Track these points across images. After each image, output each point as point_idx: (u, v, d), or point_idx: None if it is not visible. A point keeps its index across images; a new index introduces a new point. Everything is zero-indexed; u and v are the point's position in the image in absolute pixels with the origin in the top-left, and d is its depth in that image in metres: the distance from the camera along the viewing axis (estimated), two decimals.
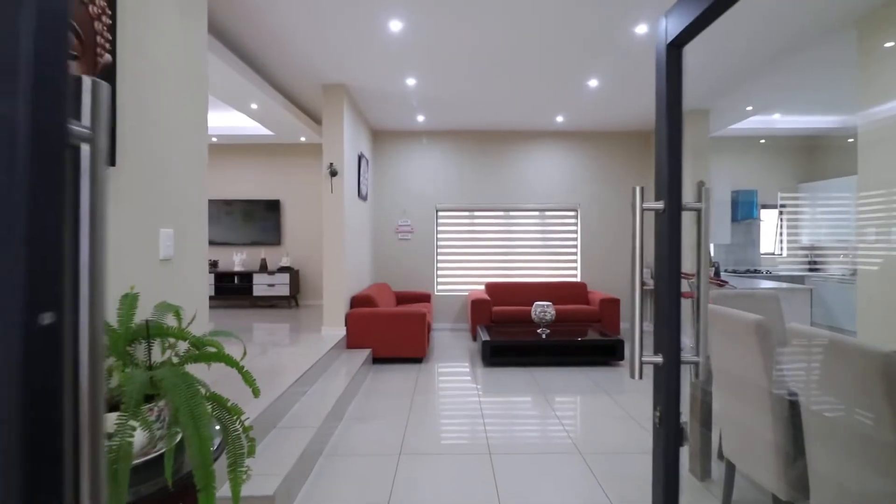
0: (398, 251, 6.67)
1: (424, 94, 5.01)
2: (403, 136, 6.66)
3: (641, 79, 4.56)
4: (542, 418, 3.36)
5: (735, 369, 2.00)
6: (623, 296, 6.76)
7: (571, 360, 4.74)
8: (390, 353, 4.74)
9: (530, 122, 6.18)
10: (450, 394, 3.91)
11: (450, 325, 6.70)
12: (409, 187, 6.68)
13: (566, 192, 6.74)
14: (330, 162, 4.69)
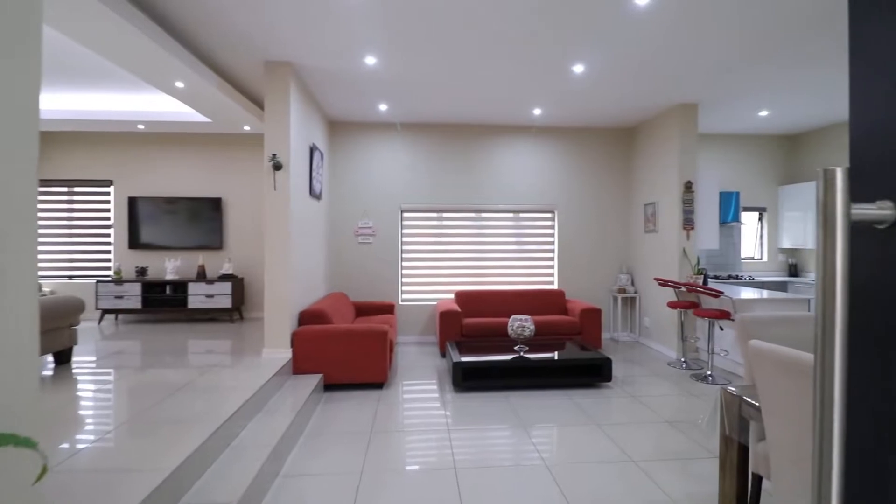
0: (358, 256, 5.97)
1: (387, 76, 4.34)
2: (364, 127, 5.96)
3: (630, 63, 4.05)
4: (524, 463, 2.76)
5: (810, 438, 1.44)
6: (603, 304, 6.31)
7: (553, 381, 4.19)
8: (346, 379, 4.04)
9: (505, 114, 5.61)
10: (415, 432, 3.25)
11: (416, 339, 6.05)
12: (371, 185, 5.98)
13: (543, 193, 6.21)
14: (272, 153, 3.95)
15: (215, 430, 2.48)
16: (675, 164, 5.25)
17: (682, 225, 5.20)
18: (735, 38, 3.54)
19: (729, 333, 4.76)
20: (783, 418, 1.56)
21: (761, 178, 6.64)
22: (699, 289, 4.44)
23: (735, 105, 5.20)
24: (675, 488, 2.48)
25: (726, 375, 4.59)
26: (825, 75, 4.29)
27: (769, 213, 6.68)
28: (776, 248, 6.71)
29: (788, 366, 1.50)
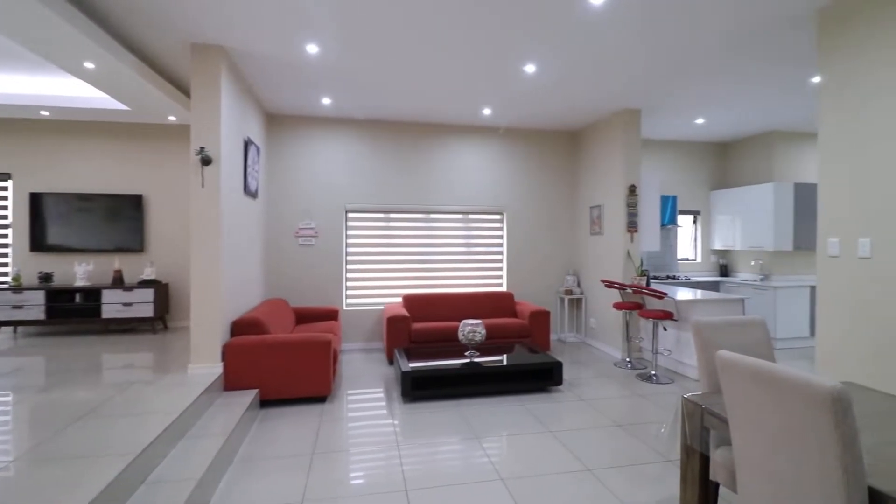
0: (299, 259, 5.60)
1: (331, 67, 4.06)
2: (306, 121, 5.60)
3: (580, 65, 4.03)
4: (479, 479, 2.61)
5: (783, 450, 1.38)
6: (551, 306, 6.34)
7: (505, 387, 4.09)
8: (285, 393, 3.72)
9: (455, 113, 5.48)
10: (362, 450, 3.02)
11: (361, 346, 5.77)
12: (314, 183, 5.64)
13: (492, 194, 6.14)
14: (200, 146, 3.56)
15: (130, 462, 2.14)
16: (620, 168, 5.34)
17: (626, 227, 5.30)
18: (677, 50, 3.60)
19: (672, 333, 4.89)
20: (752, 430, 1.50)
21: (696, 183, 6.95)
22: (644, 290, 4.52)
23: (674, 112, 5.38)
24: (634, 498, 2.43)
25: (669, 374, 4.71)
26: (754, 90, 4.50)
27: (702, 216, 7.01)
28: (709, 250, 7.06)
29: (759, 377, 1.44)
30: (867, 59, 2.74)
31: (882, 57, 2.66)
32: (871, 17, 2.70)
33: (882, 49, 2.66)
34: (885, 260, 2.65)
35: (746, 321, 2.34)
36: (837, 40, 2.91)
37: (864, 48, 2.75)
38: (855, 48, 2.80)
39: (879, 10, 2.66)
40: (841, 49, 2.89)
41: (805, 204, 6.05)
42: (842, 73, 2.89)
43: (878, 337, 2.69)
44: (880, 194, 2.68)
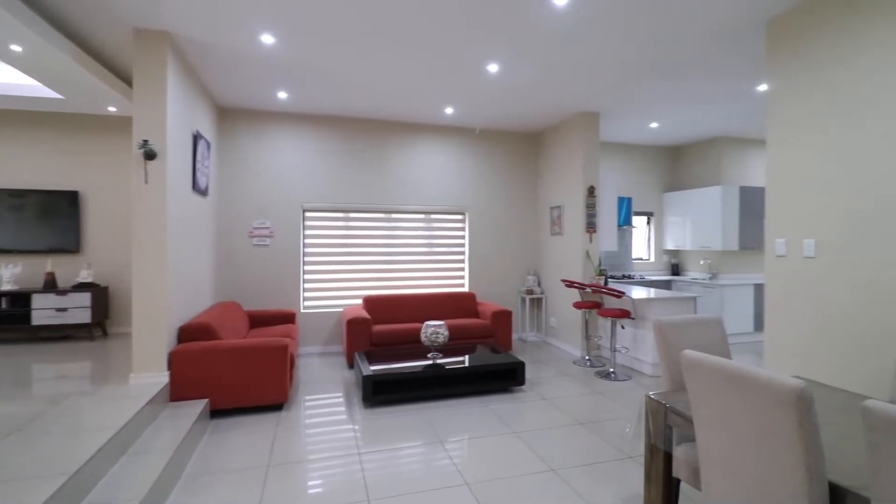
0: (253, 260, 5.35)
1: (288, 60, 3.88)
2: (261, 116, 5.36)
3: (543, 66, 4.05)
4: (445, 485, 2.55)
5: (747, 449, 1.40)
6: (512, 306, 6.37)
7: (469, 389, 4.05)
8: (238, 402, 3.52)
9: (417, 112, 5.40)
10: (322, 459, 2.89)
11: (320, 349, 5.59)
12: (269, 181, 5.41)
13: (454, 194, 6.10)
14: (143, 140, 3.32)
15: (62, 484, 1.94)
16: (580, 169, 5.43)
17: (585, 228, 5.40)
18: (633, 55, 3.68)
19: (629, 331, 5.01)
20: (717, 429, 1.52)
21: (649, 185, 7.19)
22: (603, 290, 4.61)
23: (630, 116, 5.52)
24: (598, 498, 2.44)
25: (627, 371, 4.82)
26: (703, 96, 4.68)
27: (655, 217, 7.26)
28: (661, 250, 7.32)
29: (724, 376, 1.45)
30: (812, 68, 2.88)
31: (826, 66, 2.80)
32: (817, 28, 2.85)
33: (826, 59, 2.80)
34: (828, 260, 2.80)
35: (705, 320, 2.40)
36: (785, 50, 3.05)
37: (810, 58, 2.89)
38: (801, 57, 2.94)
39: (825, 21, 2.81)
40: (788, 58, 3.03)
41: (749, 206, 6.38)
42: (789, 82, 3.03)
43: (821, 333, 2.84)
44: (824, 198, 2.83)
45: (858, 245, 2.64)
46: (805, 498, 1.26)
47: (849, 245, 2.68)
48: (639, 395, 4.10)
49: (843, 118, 2.71)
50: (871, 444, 1.08)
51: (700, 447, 1.61)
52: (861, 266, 2.62)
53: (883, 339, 2.51)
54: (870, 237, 2.58)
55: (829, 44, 2.78)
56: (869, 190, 2.59)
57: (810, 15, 2.88)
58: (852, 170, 2.67)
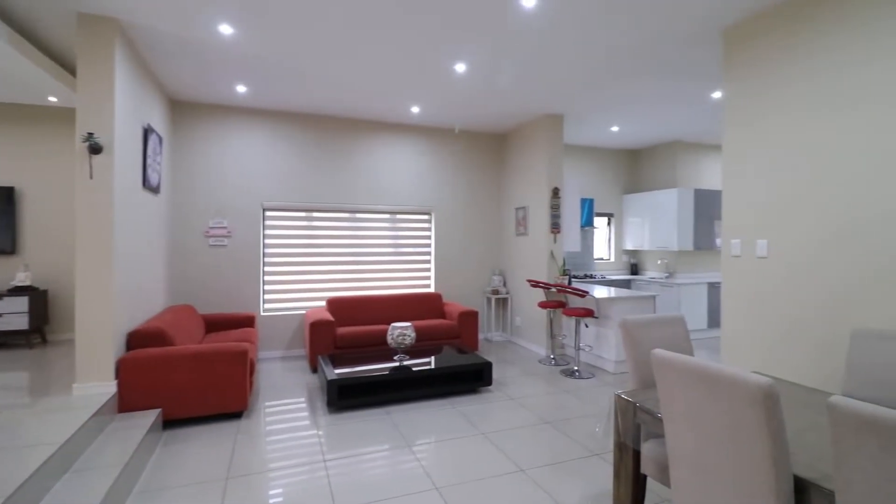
0: (209, 261, 5.11)
1: (247, 52, 3.72)
2: (218, 110, 5.13)
3: (510, 68, 4.07)
4: (414, 490, 2.50)
5: (716, 444, 1.43)
6: (478, 306, 6.38)
7: (436, 391, 4.01)
8: (194, 411, 3.34)
9: (383, 110, 5.31)
10: (285, 469, 2.77)
11: (281, 354, 5.40)
12: (226, 178, 5.18)
13: (420, 194, 6.05)
14: (88, 132, 3.09)
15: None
16: (544, 170, 5.50)
17: (550, 228, 5.47)
18: (597, 60, 3.74)
19: (592, 330, 5.11)
20: (686, 426, 1.54)
21: (610, 187, 7.38)
22: (568, 289, 4.68)
23: (593, 119, 5.64)
24: (568, 497, 2.45)
25: (591, 369, 4.92)
26: (662, 102, 4.84)
27: (616, 219, 7.47)
28: (621, 250, 7.53)
29: (694, 375, 1.48)
30: (765, 75, 3.01)
31: (778, 74, 2.94)
32: (770, 38, 2.98)
33: (778, 67, 2.94)
34: (780, 259, 2.94)
35: (668, 318, 2.45)
36: (740, 58, 3.18)
37: (763, 66, 3.02)
38: (755, 65, 3.08)
39: (777, 31, 2.94)
40: (743, 66, 3.16)
41: (703, 208, 6.65)
42: (743, 89, 3.16)
43: (773, 328, 2.97)
44: (775, 201, 2.97)
45: (806, 245, 2.78)
46: (771, 491, 1.30)
47: (797, 245, 2.82)
48: (603, 392, 4.18)
49: (791, 125, 2.85)
50: (836, 438, 1.11)
51: (669, 444, 1.63)
52: (809, 265, 2.76)
53: (832, 334, 2.65)
54: (816, 238, 2.72)
55: (778, 53, 2.92)
56: (815, 193, 2.73)
57: (762, 25, 3.01)
58: (800, 174, 2.81)
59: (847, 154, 2.58)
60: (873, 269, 2.45)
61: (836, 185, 2.63)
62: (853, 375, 2.05)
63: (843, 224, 2.59)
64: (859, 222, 2.52)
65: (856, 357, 2.05)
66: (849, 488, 1.10)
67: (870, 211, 2.47)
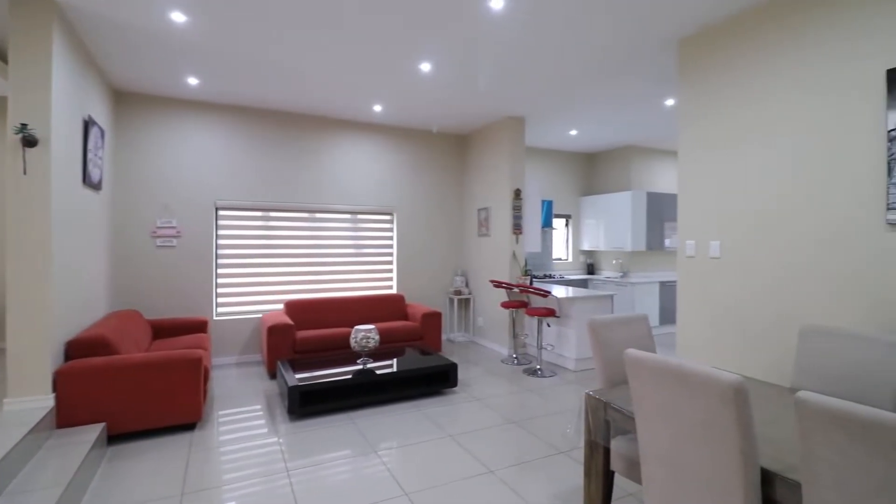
0: (157, 263, 4.82)
1: (201, 42, 3.52)
2: (167, 103, 4.84)
3: (474, 69, 4.07)
4: (382, 499, 2.45)
5: (688, 441, 1.47)
6: (440, 307, 6.37)
7: (401, 394, 3.95)
8: (142, 424, 3.12)
9: (344, 107, 5.19)
10: (244, 483, 2.64)
11: (235, 359, 5.17)
12: (176, 175, 4.89)
13: (382, 194, 5.96)
14: (21, 123, 2.82)
15: None
16: (507, 172, 5.56)
17: (512, 229, 5.53)
18: (557, 65, 3.82)
19: (554, 329, 5.21)
20: (658, 424, 1.58)
21: (568, 189, 7.57)
22: (531, 289, 4.75)
23: (553, 123, 5.76)
24: (538, 496, 2.47)
25: (552, 368, 5.01)
26: (617, 108, 5.01)
27: (573, 220, 7.66)
28: (578, 250, 7.73)
29: (666, 374, 1.52)
30: (718, 84, 3.17)
31: (730, 84, 3.10)
32: (724, 48, 3.13)
33: (729, 76, 3.09)
34: (731, 260, 3.09)
35: (633, 318, 2.53)
36: (694, 67, 3.33)
37: (717, 75, 3.18)
38: (707, 75, 3.23)
39: (731, 41, 3.10)
40: (697, 75, 3.31)
41: (655, 210, 6.94)
42: (697, 97, 3.31)
43: (725, 325, 3.13)
44: (726, 204, 3.12)
45: (756, 246, 2.94)
46: (740, 484, 1.35)
47: (748, 246, 2.99)
48: (565, 390, 4.27)
49: (738, 135, 3.01)
50: (803, 431, 1.17)
51: (641, 441, 1.67)
52: (758, 265, 2.93)
53: (780, 330, 2.82)
54: (765, 239, 2.89)
55: (728, 65, 3.07)
56: (763, 197, 2.89)
57: (716, 37, 3.17)
58: (750, 179, 2.97)
59: (787, 164, 2.75)
60: (818, 271, 2.63)
61: (782, 192, 2.80)
62: (802, 370, 2.18)
63: (788, 229, 2.76)
64: (802, 229, 2.69)
65: (804, 353, 2.18)
66: (816, 480, 1.16)
67: (811, 220, 2.65)
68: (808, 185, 2.67)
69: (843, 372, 2.01)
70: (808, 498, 1.18)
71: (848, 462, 1.08)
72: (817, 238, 2.62)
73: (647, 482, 1.68)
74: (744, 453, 1.34)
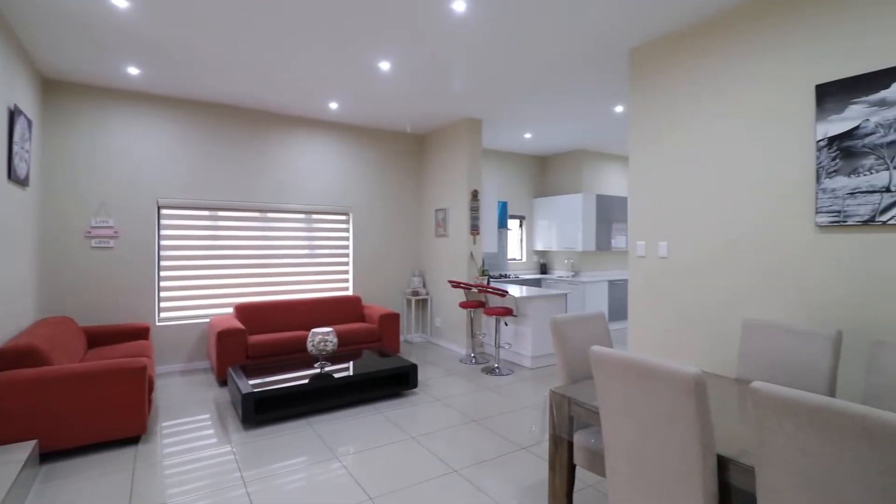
0: (92, 266, 4.47)
1: (144, 29, 3.31)
2: (103, 93, 4.50)
3: (434, 69, 4.08)
4: (347, 502, 2.41)
5: (650, 432, 1.55)
6: (397, 308, 6.32)
7: (361, 397, 3.89)
8: (79, 440, 2.89)
9: (298, 104, 5.03)
10: (196, 493, 2.50)
11: (181, 367, 4.89)
12: (113, 171, 4.57)
13: (338, 193, 5.84)
14: None
15: None
16: (464, 173, 5.60)
17: (470, 230, 5.58)
18: (514, 69, 3.90)
19: (512, 328, 5.31)
20: (622, 418, 1.65)
21: (522, 191, 7.74)
22: (489, 289, 4.81)
23: (508, 125, 5.87)
24: (503, 492, 2.51)
25: (510, 366, 5.10)
26: (570, 113, 5.18)
27: (527, 221, 7.84)
28: (532, 250, 7.93)
29: (631, 369, 1.59)
30: (666, 92, 3.35)
31: (677, 92, 3.28)
32: (672, 59, 3.31)
33: (677, 85, 3.28)
34: (677, 259, 3.28)
35: (591, 316, 2.62)
36: (644, 76, 3.50)
37: (665, 83, 3.35)
38: (658, 82, 3.40)
39: (678, 53, 3.28)
40: (646, 83, 3.48)
41: (604, 212, 7.23)
42: (646, 105, 3.48)
43: (673, 320, 3.31)
44: (673, 206, 3.31)
45: (700, 246, 3.13)
46: (699, 471, 1.43)
47: (693, 246, 3.18)
48: (523, 387, 4.36)
49: (687, 140, 3.20)
50: (758, 419, 1.26)
51: (606, 434, 1.74)
52: (703, 265, 3.12)
53: (723, 325, 3.02)
54: (708, 240, 3.08)
55: (677, 74, 3.26)
56: (707, 201, 3.09)
57: (664, 49, 3.35)
58: (695, 184, 3.16)
59: (728, 169, 2.95)
60: (756, 269, 2.84)
61: (723, 196, 3.00)
62: (745, 360, 2.34)
63: (729, 230, 2.96)
64: (742, 230, 2.90)
65: (746, 344, 2.35)
66: (769, 463, 1.25)
67: (749, 222, 2.85)
68: (747, 190, 2.88)
69: (782, 362, 2.18)
70: (761, 480, 1.28)
71: (797, 445, 1.17)
72: (755, 239, 2.83)
73: (610, 473, 1.74)
74: (702, 441, 1.42)
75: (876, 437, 1.02)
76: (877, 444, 1.02)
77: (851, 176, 2.39)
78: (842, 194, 2.43)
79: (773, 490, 1.24)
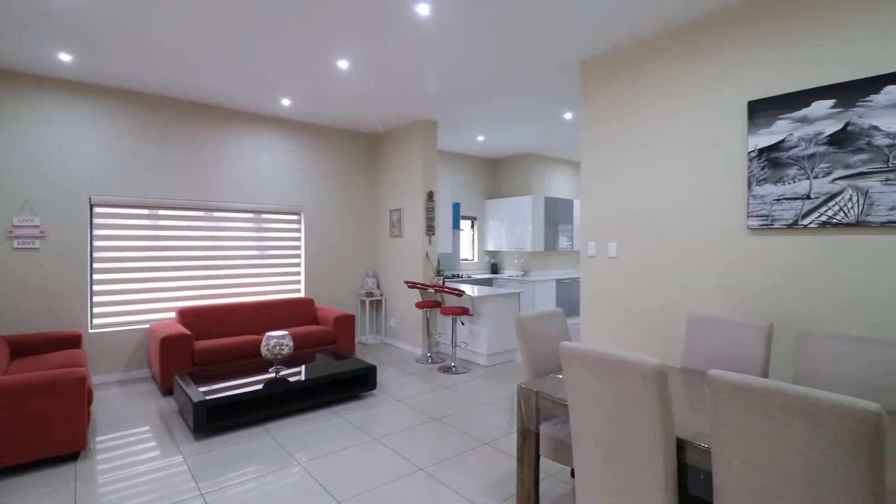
0: (13, 269, 4.08)
1: (78, 11, 3.07)
2: (30, 81, 4.12)
3: (393, 70, 4.09)
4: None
5: (616, 421, 1.66)
6: (352, 309, 6.25)
7: (319, 401, 3.82)
8: (11, 460, 2.64)
9: (248, 99, 4.85)
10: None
11: (118, 377, 4.57)
12: (39, 166, 4.19)
13: (289, 193, 5.68)
14: None
15: None
16: (420, 174, 5.63)
17: (425, 231, 5.62)
18: (470, 74, 3.99)
19: (467, 327, 5.40)
20: (590, 408, 1.76)
21: (474, 192, 7.88)
22: (446, 289, 4.87)
23: (462, 128, 5.97)
24: (470, 486, 2.57)
25: (466, 364, 5.20)
26: (521, 118, 5.37)
27: (479, 222, 8.00)
28: (483, 251, 8.09)
29: (598, 361, 1.70)
30: (614, 102, 3.56)
31: (624, 102, 3.49)
32: (620, 70, 3.52)
33: (623, 95, 3.49)
34: (626, 259, 3.50)
35: (552, 314, 2.74)
36: (593, 86, 3.70)
37: (613, 93, 3.56)
38: (607, 92, 3.61)
39: (626, 65, 3.49)
40: (595, 93, 3.68)
41: (552, 213, 7.52)
42: (595, 113, 3.68)
43: (622, 316, 3.53)
44: (621, 209, 3.52)
45: (646, 247, 3.36)
46: (661, 452, 1.56)
47: (640, 247, 3.40)
48: (479, 385, 4.46)
49: (633, 147, 3.43)
50: (714, 403, 1.40)
51: (574, 425, 1.84)
52: (648, 264, 3.35)
53: (668, 319, 3.25)
54: (653, 241, 3.32)
55: (624, 85, 3.48)
56: (650, 205, 3.32)
57: (612, 61, 3.56)
58: (640, 189, 3.39)
59: (670, 176, 3.19)
60: (695, 268, 3.09)
61: (664, 201, 3.24)
62: (689, 351, 2.55)
63: (671, 232, 3.21)
64: (682, 232, 3.14)
65: (691, 336, 2.56)
66: (722, 442, 1.39)
67: (689, 224, 3.10)
68: (687, 195, 3.12)
69: (722, 351, 2.40)
70: (717, 458, 1.42)
71: (747, 424, 1.32)
72: (696, 240, 3.08)
73: (578, 460, 1.85)
74: (664, 426, 1.55)
75: (816, 414, 1.18)
76: (817, 420, 1.17)
77: (778, 184, 2.66)
78: (769, 200, 2.70)
79: (728, 466, 1.38)
